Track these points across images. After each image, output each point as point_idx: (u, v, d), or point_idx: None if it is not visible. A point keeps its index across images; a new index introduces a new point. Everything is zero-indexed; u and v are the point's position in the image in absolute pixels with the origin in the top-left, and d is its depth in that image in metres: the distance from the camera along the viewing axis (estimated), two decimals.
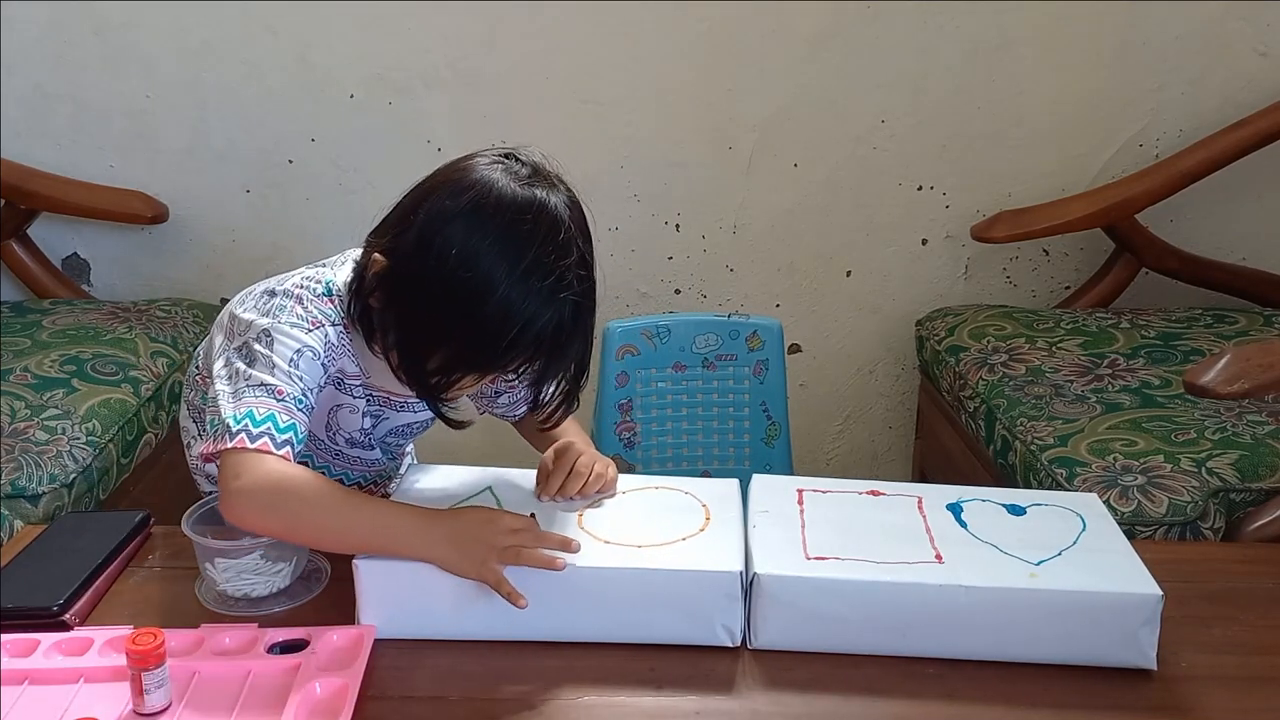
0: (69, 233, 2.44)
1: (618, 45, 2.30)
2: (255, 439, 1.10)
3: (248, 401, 1.12)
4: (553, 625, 1.12)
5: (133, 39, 2.30)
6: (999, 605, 1.09)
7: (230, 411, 1.12)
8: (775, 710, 1.05)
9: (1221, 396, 1.50)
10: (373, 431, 1.36)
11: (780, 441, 1.97)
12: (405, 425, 1.38)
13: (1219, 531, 1.62)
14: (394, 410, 1.35)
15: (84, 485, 1.71)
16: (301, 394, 1.15)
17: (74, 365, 1.95)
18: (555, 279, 1.12)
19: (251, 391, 1.13)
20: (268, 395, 1.13)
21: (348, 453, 1.36)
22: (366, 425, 1.34)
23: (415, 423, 1.39)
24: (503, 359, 1.15)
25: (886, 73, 2.32)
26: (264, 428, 1.11)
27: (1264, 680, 1.09)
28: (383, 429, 1.37)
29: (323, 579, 1.22)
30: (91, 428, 1.78)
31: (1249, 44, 2.31)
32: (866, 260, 2.46)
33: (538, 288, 1.11)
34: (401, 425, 1.38)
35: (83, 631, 1.12)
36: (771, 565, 1.11)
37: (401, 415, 1.36)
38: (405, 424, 1.38)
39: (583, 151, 2.34)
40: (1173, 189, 2.27)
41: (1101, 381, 1.96)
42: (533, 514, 1.18)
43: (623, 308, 2.46)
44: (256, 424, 1.11)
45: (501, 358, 1.14)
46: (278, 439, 1.11)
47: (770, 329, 1.95)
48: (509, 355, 1.14)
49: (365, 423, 1.33)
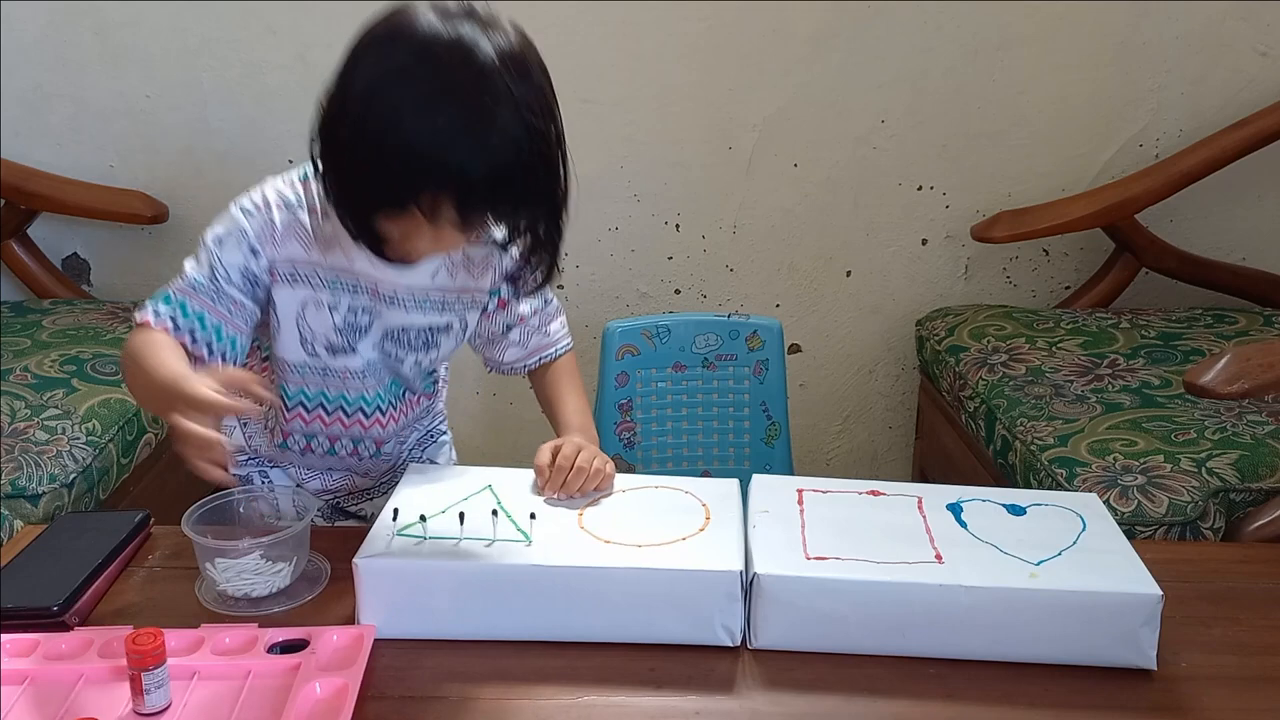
0: (69, 233, 2.44)
1: (618, 45, 2.30)
2: (159, 319, 1.20)
3: (169, 285, 1.22)
4: (553, 625, 1.12)
5: (133, 39, 2.30)
6: (999, 605, 1.08)
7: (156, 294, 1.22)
8: (775, 710, 1.05)
9: (1221, 396, 1.50)
10: (353, 331, 1.29)
11: (780, 441, 1.97)
12: (400, 329, 1.31)
13: (1219, 531, 1.62)
14: (383, 304, 1.28)
15: (84, 485, 1.72)
16: (212, 279, 1.21)
17: (74, 365, 1.95)
18: (473, 115, 1.07)
19: (177, 279, 1.22)
20: (185, 283, 1.21)
21: (333, 365, 1.31)
22: (338, 322, 1.28)
23: (411, 327, 1.31)
24: (411, 191, 1.09)
25: (886, 73, 2.32)
26: (171, 310, 1.20)
27: (1264, 680, 1.09)
28: (375, 331, 1.30)
29: (323, 579, 1.22)
30: (91, 428, 1.78)
31: (1249, 44, 2.31)
32: (866, 260, 2.46)
33: (447, 123, 1.06)
34: (396, 329, 1.31)
35: (83, 631, 1.12)
36: (771, 565, 1.11)
37: (391, 313, 1.29)
38: (399, 326, 1.31)
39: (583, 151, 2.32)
40: (1173, 189, 2.27)
41: (1101, 381, 1.96)
42: (533, 514, 1.18)
43: (623, 308, 2.46)
44: (167, 304, 1.21)
45: (410, 191, 1.09)
46: (179, 323, 1.20)
47: (770, 329, 1.95)
48: (418, 187, 1.09)
49: (336, 319, 1.28)
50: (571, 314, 2.47)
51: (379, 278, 1.27)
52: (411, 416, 1.42)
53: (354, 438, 1.38)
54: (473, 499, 1.22)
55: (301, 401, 1.35)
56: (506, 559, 1.12)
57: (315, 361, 1.31)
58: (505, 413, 2.50)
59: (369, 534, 1.15)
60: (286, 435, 1.37)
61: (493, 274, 1.35)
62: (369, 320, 1.29)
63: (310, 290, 1.26)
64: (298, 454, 1.39)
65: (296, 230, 1.24)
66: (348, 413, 1.36)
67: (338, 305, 1.27)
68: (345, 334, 1.29)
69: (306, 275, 1.26)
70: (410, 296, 1.29)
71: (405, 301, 1.29)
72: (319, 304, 1.27)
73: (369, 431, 1.38)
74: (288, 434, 1.37)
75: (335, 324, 1.28)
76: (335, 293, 1.27)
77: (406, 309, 1.30)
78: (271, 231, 1.23)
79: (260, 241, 1.23)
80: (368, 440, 1.39)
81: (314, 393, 1.34)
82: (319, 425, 1.36)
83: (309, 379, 1.32)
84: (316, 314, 1.27)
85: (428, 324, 1.32)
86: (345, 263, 1.25)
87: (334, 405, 1.35)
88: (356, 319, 1.29)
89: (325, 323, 1.28)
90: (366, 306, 1.28)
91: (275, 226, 1.23)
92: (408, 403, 1.40)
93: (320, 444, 1.38)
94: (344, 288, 1.27)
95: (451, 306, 1.33)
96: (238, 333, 1.23)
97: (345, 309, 1.28)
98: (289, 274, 1.25)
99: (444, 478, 1.28)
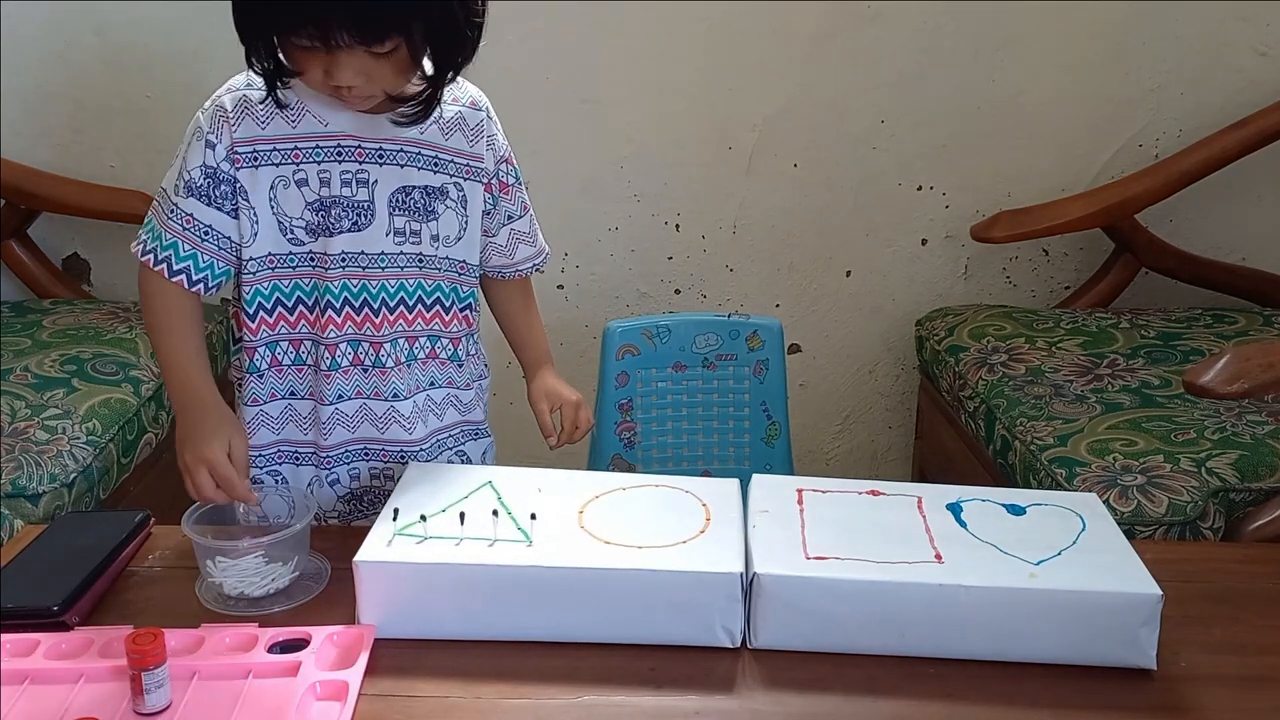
0: (69, 233, 2.44)
1: (618, 45, 2.30)
2: (145, 253, 1.28)
3: (151, 210, 1.30)
4: (553, 625, 1.12)
5: (133, 39, 2.30)
6: (999, 605, 1.09)
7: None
8: (775, 710, 1.05)
9: (1221, 396, 1.50)
10: (354, 208, 1.26)
11: (780, 441, 1.97)
12: (402, 192, 1.28)
13: (1219, 531, 1.62)
14: (374, 164, 1.26)
15: (84, 485, 1.72)
16: (184, 195, 1.26)
17: (74, 365, 1.95)
18: None
19: (158, 198, 1.29)
20: (163, 209, 1.28)
21: (319, 252, 1.28)
22: (309, 197, 1.26)
23: (412, 188, 1.28)
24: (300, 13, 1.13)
25: (886, 73, 2.32)
26: (154, 242, 1.28)
27: (1264, 680, 1.09)
28: (380, 201, 1.26)
29: (323, 579, 1.22)
30: (91, 427, 1.78)
31: (1249, 44, 2.31)
32: (866, 260, 2.46)
33: None
34: (398, 191, 1.28)
35: (83, 631, 1.12)
36: (771, 565, 1.11)
37: (387, 172, 1.26)
38: (400, 187, 1.28)
39: (583, 151, 2.35)
40: (1172, 189, 2.27)
41: (1101, 381, 1.96)
42: (533, 514, 1.18)
43: (622, 308, 2.46)
44: (152, 236, 1.28)
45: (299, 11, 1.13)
46: (158, 255, 1.27)
47: (770, 329, 1.95)
48: None
49: (308, 194, 1.26)
50: (571, 314, 2.50)
51: (363, 135, 1.25)
52: (418, 330, 1.36)
53: (350, 339, 1.32)
54: (473, 498, 1.22)
55: (298, 298, 1.31)
56: (507, 559, 1.12)
57: (301, 249, 1.28)
58: (505, 413, 2.49)
59: (369, 534, 1.15)
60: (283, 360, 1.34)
61: (490, 152, 1.35)
62: (369, 192, 1.27)
63: (275, 168, 1.26)
64: (289, 377, 1.34)
65: (246, 107, 1.25)
66: (336, 307, 1.30)
67: (328, 178, 1.26)
68: (320, 211, 1.26)
69: (268, 153, 1.25)
70: (400, 150, 1.26)
71: (397, 156, 1.27)
72: (286, 183, 1.26)
73: (362, 330, 1.31)
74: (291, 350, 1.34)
75: (308, 201, 1.26)
76: (317, 165, 1.25)
77: (401, 165, 1.27)
78: (222, 116, 1.25)
79: (214, 130, 1.25)
80: (365, 344, 1.32)
81: (309, 285, 1.30)
82: (306, 327, 1.32)
83: (300, 268, 1.29)
84: (288, 195, 1.27)
85: (424, 183, 1.30)
86: (320, 127, 1.24)
87: (324, 301, 1.30)
88: (352, 191, 1.27)
89: (295, 203, 1.27)
90: (356, 172, 1.26)
91: (225, 110, 1.25)
92: (415, 310, 1.35)
93: (321, 356, 1.32)
94: (327, 156, 1.25)
95: (445, 168, 1.30)
96: (213, 258, 1.28)
97: (336, 179, 1.26)
98: (249, 155, 1.25)
99: (444, 477, 1.28)
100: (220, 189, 1.26)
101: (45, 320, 2.16)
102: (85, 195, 2.32)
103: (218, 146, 1.25)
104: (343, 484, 1.40)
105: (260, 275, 1.30)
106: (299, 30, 1.15)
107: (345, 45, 1.14)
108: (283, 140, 1.25)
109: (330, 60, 1.16)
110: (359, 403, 1.36)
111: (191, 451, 1.22)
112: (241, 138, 1.25)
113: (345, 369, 1.34)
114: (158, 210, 1.29)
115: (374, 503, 1.42)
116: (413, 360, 1.37)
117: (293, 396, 1.37)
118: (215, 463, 1.21)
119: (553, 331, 2.51)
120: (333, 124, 1.25)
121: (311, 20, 1.13)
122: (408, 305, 1.35)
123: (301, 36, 1.15)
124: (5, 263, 2.38)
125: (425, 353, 1.38)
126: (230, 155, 1.26)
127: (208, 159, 1.26)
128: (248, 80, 1.27)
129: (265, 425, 1.37)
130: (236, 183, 1.26)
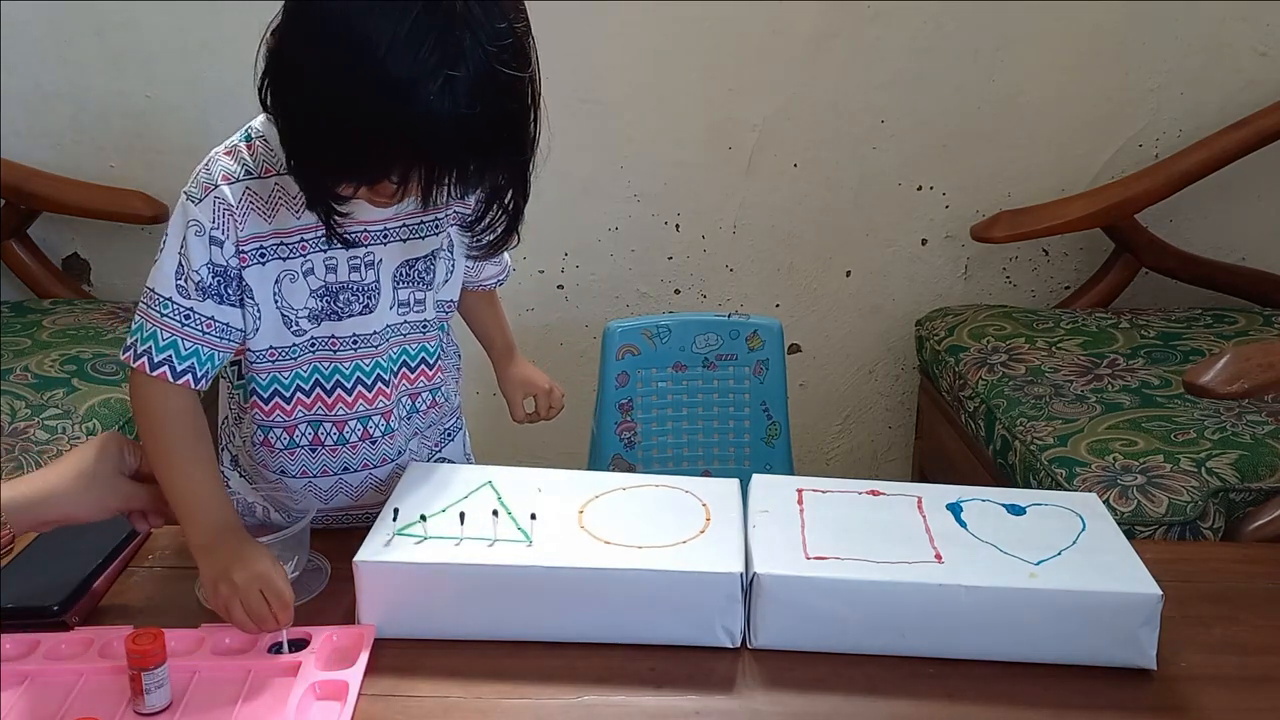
0: (69, 233, 2.44)
1: (618, 45, 2.30)
2: (138, 358, 1.15)
3: (140, 312, 1.16)
4: (553, 625, 1.12)
5: (133, 39, 2.30)
6: (999, 605, 1.09)
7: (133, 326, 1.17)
8: (775, 710, 1.05)
9: (1221, 396, 1.50)
10: (361, 291, 1.22)
11: (780, 441, 1.97)
12: (408, 265, 1.24)
13: (1219, 531, 1.62)
14: (379, 244, 1.21)
15: None
16: (182, 294, 1.14)
17: (74, 365, 1.95)
18: (431, 50, 0.97)
19: (148, 297, 1.16)
20: (155, 308, 1.15)
21: (323, 336, 1.23)
22: (314, 285, 1.20)
23: (417, 258, 1.24)
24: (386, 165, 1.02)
25: (886, 73, 2.32)
26: (146, 347, 1.15)
27: (1264, 680, 1.09)
28: (385, 280, 1.23)
29: (323, 579, 1.22)
30: (92, 427, 1.78)
31: (1249, 44, 2.31)
32: (866, 260, 2.46)
33: (413, 59, 0.96)
34: (404, 265, 1.24)
35: (83, 631, 1.12)
36: (771, 565, 1.11)
37: (391, 249, 1.22)
38: (407, 260, 1.23)
39: (583, 151, 2.35)
40: (1172, 189, 2.27)
41: (1101, 381, 1.96)
42: (534, 514, 1.18)
43: (622, 308, 2.46)
44: (143, 341, 1.15)
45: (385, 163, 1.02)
46: (154, 359, 1.15)
47: (770, 329, 1.95)
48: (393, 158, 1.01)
49: (313, 282, 1.20)
50: (571, 314, 2.50)
51: (367, 219, 1.19)
52: (420, 388, 1.33)
53: (360, 416, 1.28)
54: (473, 497, 1.22)
55: (299, 385, 1.26)
56: (507, 559, 1.12)
57: (303, 338, 1.23)
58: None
59: (369, 534, 1.15)
60: (275, 444, 1.28)
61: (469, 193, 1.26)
62: (376, 273, 1.22)
63: (282, 263, 1.18)
64: (301, 457, 1.29)
65: (252, 202, 1.15)
66: (347, 388, 1.26)
67: (310, 270, 1.19)
68: (340, 296, 1.22)
69: (274, 248, 1.18)
70: (402, 225, 1.22)
71: (399, 232, 1.23)
72: (293, 276, 1.19)
73: (374, 405, 1.28)
74: (286, 434, 1.28)
75: (313, 290, 1.20)
76: (323, 254, 1.19)
77: (404, 240, 1.24)
78: (227, 211, 1.14)
79: (219, 226, 1.14)
80: (375, 417, 1.28)
81: (309, 372, 1.25)
82: (321, 409, 1.26)
83: (306, 356, 1.24)
84: (293, 288, 1.19)
85: (426, 252, 1.26)
86: None
87: (332, 382, 1.26)
88: (360, 275, 1.22)
89: (300, 296, 1.20)
90: (364, 256, 1.21)
91: (229, 204, 1.14)
92: (417, 371, 1.32)
93: (328, 433, 1.27)
94: (316, 243, 1.18)
95: (439, 227, 1.26)
96: (215, 350, 1.18)
97: (344, 265, 1.21)
98: (256, 252, 1.17)
99: (444, 477, 1.27)
100: (230, 286, 1.18)
101: (45, 320, 2.16)
102: (85, 195, 2.32)
103: (225, 244, 1.15)
104: None
105: (260, 367, 1.24)
106: (365, 182, 1.06)
107: (416, 190, 1.06)
108: (289, 234, 1.17)
109: (378, 198, 1.10)
110: (365, 473, 1.32)
111: (243, 571, 1.08)
112: (247, 235, 1.16)
113: (354, 444, 1.29)
114: (151, 314, 1.16)
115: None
116: (414, 414, 1.34)
117: (284, 474, 1.30)
118: (271, 577, 1.09)
119: (553, 331, 2.53)
120: None
121: (383, 175, 1.04)
122: (410, 368, 1.31)
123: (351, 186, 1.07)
124: (5, 263, 2.38)
125: (426, 404, 1.35)
126: (238, 253, 1.16)
127: (215, 257, 1.15)
128: (243, 167, 1.15)
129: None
130: (242, 280, 1.18)
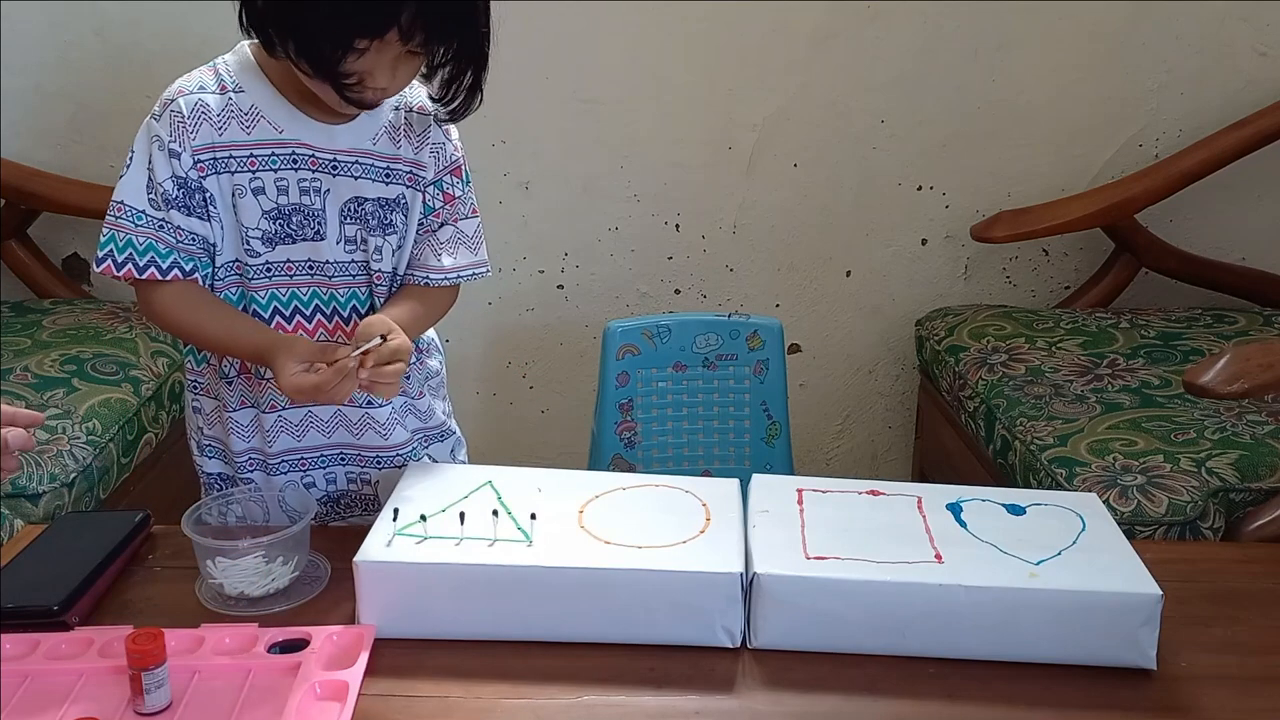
0: (69, 233, 2.44)
1: (618, 45, 2.30)
2: (120, 266, 1.23)
3: (109, 224, 1.23)
4: (553, 625, 1.12)
5: (133, 39, 2.30)
6: (999, 605, 1.09)
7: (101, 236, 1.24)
8: (775, 710, 1.05)
9: (1221, 396, 1.50)
10: (307, 216, 1.24)
11: (780, 441, 1.97)
12: (355, 203, 1.25)
13: (1219, 531, 1.62)
14: (327, 174, 1.24)
15: (84, 485, 1.72)
16: (153, 206, 1.21)
17: (74, 365, 1.95)
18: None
19: (114, 211, 1.23)
20: (123, 218, 1.22)
21: (278, 260, 1.26)
22: (266, 206, 1.23)
23: (365, 199, 1.25)
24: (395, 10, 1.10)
25: (886, 73, 2.32)
26: (126, 254, 1.23)
27: (1264, 680, 1.09)
28: (332, 210, 1.24)
29: (323, 579, 1.22)
30: (92, 427, 1.78)
31: (1249, 44, 2.31)
32: (866, 260, 2.46)
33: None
34: (351, 202, 1.25)
35: (83, 631, 1.12)
36: (771, 565, 1.11)
37: (340, 183, 1.24)
38: (353, 198, 1.25)
39: (583, 151, 2.35)
40: (1172, 189, 2.27)
41: (1101, 381, 1.96)
42: (533, 514, 1.18)
43: (623, 308, 2.46)
44: (120, 249, 1.23)
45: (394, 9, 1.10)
46: (139, 262, 1.23)
47: (770, 329, 1.95)
48: None
49: (265, 203, 1.23)
50: (571, 314, 2.50)
51: (316, 144, 1.23)
52: None
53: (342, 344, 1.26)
54: (473, 497, 1.22)
55: (257, 311, 1.28)
56: (507, 559, 1.12)
57: (256, 260, 1.25)
58: (505, 413, 2.50)
59: (369, 534, 1.15)
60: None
61: (434, 160, 1.30)
62: (321, 201, 1.25)
63: (231, 176, 1.22)
64: (269, 389, 1.30)
65: (203, 112, 1.21)
66: (306, 314, 1.29)
67: (285, 186, 1.23)
68: (293, 218, 1.24)
69: (225, 160, 1.22)
70: (355, 162, 1.24)
71: (351, 168, 1.25)
72: (242, 191, 1.23)
73: (334, 337, 1.30)
74: None
75: (265, 210, 1.24)
76: (273, 172, 1.22)
77: (355, 177, 1.26)
78: (181, 122, 1.20)
79: (176, 139, 1.20)
80: None
81: (267, 299, 1.27)
82: (303, 335, 1.29)
83: (256, 280, 1.26)
84: (242, 203, 1.24)
85: (378, 195, 1.27)
86: (274, 134, 1.22)
87: (291, 308, 1.28)
88: (310, 200, 1.24)
89: (253, 213, 1.24)
90: (311, 180, 1.24)
91: (183, 115, 1.20)
92: None
93: None
94: (283, 162, 1.23)
95: (398, 178, 1.28)
96: (194, 257, 1.24)
97: (294, 188, 1.23)
98: (210, 161, 1.22)
99: (444, 477, 1.27)
100: (194, 198, 1.22)
101: (45, 320, 2.16)
102: (85, 195, 2.32)
103: (182, 156, 1.21)
104: (319, 488, 1.39)
105: (228, 281, 1.27)
106: (376, 33, 1.12)
107: (413, 44, 1.14)
108: (239, 147, 1.22)
109: (378, 62, 1.14)
110: (333, 408, 1.33)
111: (283, 379, 1.17)
112: (202, 144, 1.21)
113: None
114: (123, 224, 1.23)
115: (351, 505, 1.41)
116: None
117: (256, 406, 1.33)
118: (296, 362, 1.16)
119: (553, 331, 2.54)
120: (287, 131, 1.22)
121: (393, 20, 1.12)
122: (359, 314, 1.31)
123: (365, 38, 1.12)
124: (5, 263, 2.38)
125: None
126: (196, 163, 1.22)
127: (175, 169, 1.21)
128: (199, 82, 1.23)
129: (235, 433, 1.34)
130: (205, 190, 1.23)
